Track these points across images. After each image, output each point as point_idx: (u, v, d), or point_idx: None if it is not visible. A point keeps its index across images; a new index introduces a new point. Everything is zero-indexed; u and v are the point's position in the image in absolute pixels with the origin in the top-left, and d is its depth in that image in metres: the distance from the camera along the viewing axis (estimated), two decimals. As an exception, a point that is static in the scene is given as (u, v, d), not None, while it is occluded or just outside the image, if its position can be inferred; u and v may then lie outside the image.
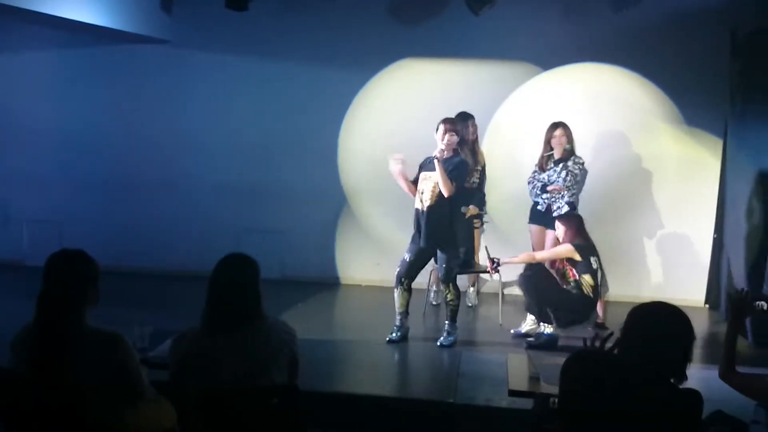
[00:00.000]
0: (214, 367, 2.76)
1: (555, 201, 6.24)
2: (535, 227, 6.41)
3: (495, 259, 5.68)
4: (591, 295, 5.50)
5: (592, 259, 5.55)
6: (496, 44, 7.02)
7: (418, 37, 7.11)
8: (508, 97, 7.21)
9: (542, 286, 5.54)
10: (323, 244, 7.51)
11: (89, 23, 6.28)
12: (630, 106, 7.03)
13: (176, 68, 7.47)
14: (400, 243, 6.17)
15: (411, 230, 5.65)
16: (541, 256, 5.74)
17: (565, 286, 5.58)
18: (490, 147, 6.95)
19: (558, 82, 7.13)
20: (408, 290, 5.60)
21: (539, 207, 6.33)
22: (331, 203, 7.46)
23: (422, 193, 5.49)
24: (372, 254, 7.42)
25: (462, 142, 5.88)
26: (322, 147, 7.39)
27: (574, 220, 5.74)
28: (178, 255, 7.30)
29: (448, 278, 5.55)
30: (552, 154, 6.23)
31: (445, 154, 5.40)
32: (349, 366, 5.42)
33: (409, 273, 5.59)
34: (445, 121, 5.49)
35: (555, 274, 5.66)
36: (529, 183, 6.41)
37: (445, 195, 5.36)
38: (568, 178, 6.16)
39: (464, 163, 5.59)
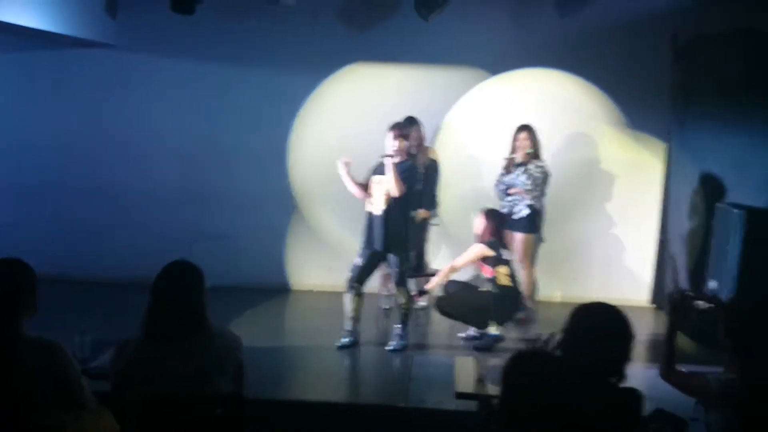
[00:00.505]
0: (156, 377, 2.72)
1: (516, 204, 6.34)
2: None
3: (421, 290, 5.84)
4: (510, 284, 5.63)
5: (504, 252, 5.70)
6: (445, 49, 7.06)
7: (368, 42, 7.11)
8: (457, 102, 7.27)
9: (453, 304, 5.65)
10: (273, 250, 7.44)
11: (30, 27, 6.12)
12: (576, 111, 7.15)
13: (122, 73, 7.32)
14: (352, 247, 6.15)
15: (362, 234, 5.66)
16: (459, 263, 5.74)
17: (483, 288, 5.69)
18: (439, 151, 6.99)
19: (506, 87, 7.22)
20: (359, 295, 5.60)
21: (504, 210, 6.42)
22: (281, 208, 7.41)
23: (374, 197, 5.52)
24: (323, 259, 7.38)
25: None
26: (272, 151, 7.33)
27: (496, 218, 5.81)
28: (124, 263, 7.12)
29: (401, 282, 5.58)
30: (515, 157, 6.34)
31: (397, 159, 5.44)
32: (300, 372, 5.39)
33: (360, 277, 5.60)
34: (394, 127, 5.55)
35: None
36: (495, 186, 6.50)
37: (396, 195, 5.39)
38: (528, 182, 6.26)
39: (414, 168, 5.67)
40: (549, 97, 7.14)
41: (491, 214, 5.81)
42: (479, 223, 5.76)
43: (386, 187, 5.44)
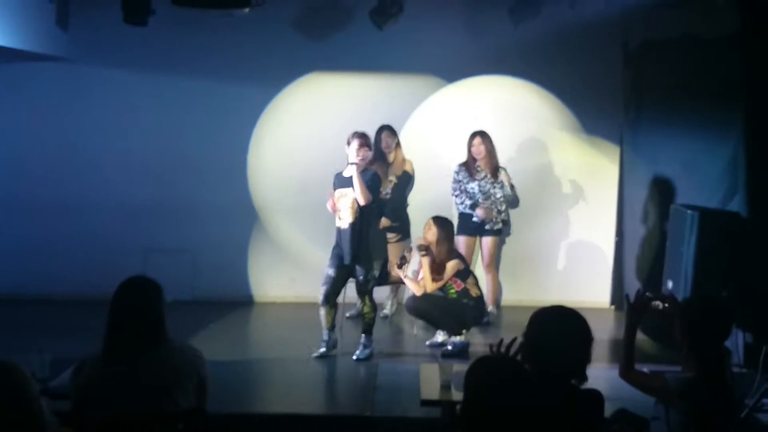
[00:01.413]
0: (117, 395, 2.69)
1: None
2: (464, 238, 6.50)
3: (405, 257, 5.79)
4: (480, 293, 5.74)
5: (465, 263, 5.79)
6: (401, 58, 7.10)
7: (324, 52, 7.11)
8: (415, 110, 7.31)
9: (431, 305, 5.65)
10: (235, 262, 7.38)
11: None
12: (532, 117, 7.24)
13: (76, 86, 7.20)
14: (315, 258, 6.15)
15: (325, 244, 5.64)
16: (434, 286, 5.64)
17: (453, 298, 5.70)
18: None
19: (463, 95, 7.29)
20: (334, 306, 5.58)
21: (474, 219, 6.45)
22: (242, 220, 7.35)
23: (341, 210, 5.49)
24: (286, 270, 7.34)
25: (377, 154, 6.01)
26: (231, 163, 7.28)
27: (450, 226, 5.81)
28: (82, 278, 6.98)
29: (364, 291, 5.57)
30: (478, 165, 6.44)
31: (361, 168, 5.44)
32: (265, 385, 5.36)
33: (334, 289, 5.56)
34: (357, 135, 5.52)
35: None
36: (454, 194, 6.52)
37: (362, 203, 5.38)
38: (510, 193, 6.46)
39: (377, 176, 5.68)
40: (505, 104, 7.24)
41: (443, 223, 5.78)
42: (432, 233, 5.71)
43: (352, 198, 5.42)
